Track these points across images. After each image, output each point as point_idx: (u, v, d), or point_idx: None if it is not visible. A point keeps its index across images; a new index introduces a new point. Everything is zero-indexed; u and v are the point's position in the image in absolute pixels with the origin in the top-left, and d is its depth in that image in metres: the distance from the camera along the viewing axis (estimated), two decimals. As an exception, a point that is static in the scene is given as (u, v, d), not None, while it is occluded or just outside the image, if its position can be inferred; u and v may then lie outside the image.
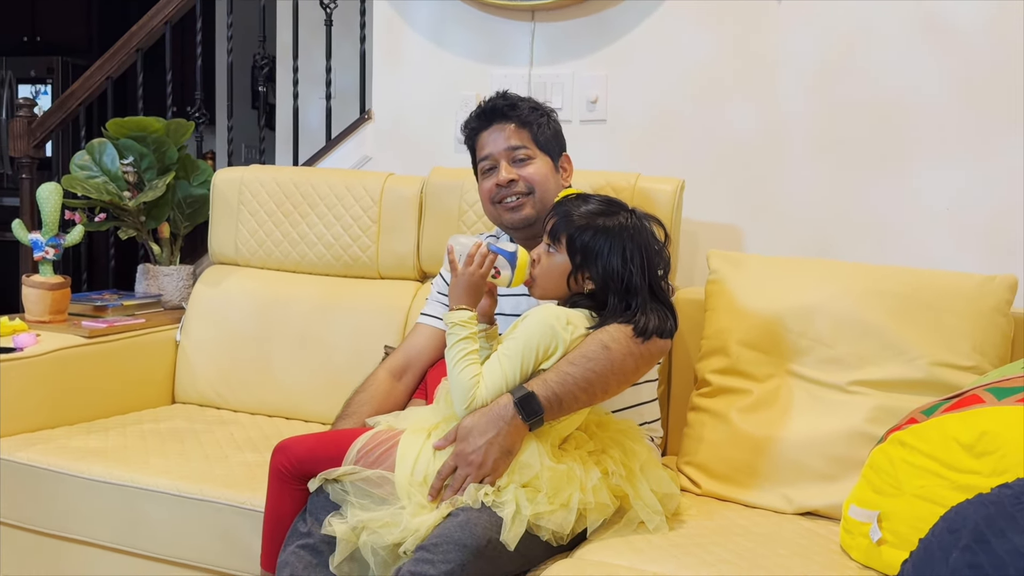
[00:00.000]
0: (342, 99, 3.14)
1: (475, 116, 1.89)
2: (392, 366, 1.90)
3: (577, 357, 1.55)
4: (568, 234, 1.62)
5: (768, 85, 2.31)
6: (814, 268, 1.99)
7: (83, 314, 2.51)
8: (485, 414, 1.53)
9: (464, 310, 1.59)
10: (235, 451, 2.09)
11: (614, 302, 1.60)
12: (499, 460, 1.51)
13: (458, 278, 1.62)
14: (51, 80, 5.45)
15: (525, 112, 1.85)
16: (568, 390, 1.53)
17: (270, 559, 1.68)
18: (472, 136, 1.90)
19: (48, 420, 2.21)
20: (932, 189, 2.18)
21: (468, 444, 1.52)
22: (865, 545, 1.53)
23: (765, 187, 2.33)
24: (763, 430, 1.85)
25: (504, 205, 1.84)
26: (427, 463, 1.55)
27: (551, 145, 1.88)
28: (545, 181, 1.83)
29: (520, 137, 1.84)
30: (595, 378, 1.54)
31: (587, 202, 1.65)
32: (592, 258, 1.60)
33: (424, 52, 2.66)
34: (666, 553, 1.55)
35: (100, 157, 2.66)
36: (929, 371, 1.79)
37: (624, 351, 1.57)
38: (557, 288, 1.64)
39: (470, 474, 1.51)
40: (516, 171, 1.83)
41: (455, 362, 1.57)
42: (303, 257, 2.46)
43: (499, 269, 1.63)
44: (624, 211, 1.64)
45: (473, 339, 1.59)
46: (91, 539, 1.97)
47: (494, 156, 1.85)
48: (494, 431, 1.51)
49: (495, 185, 1.84)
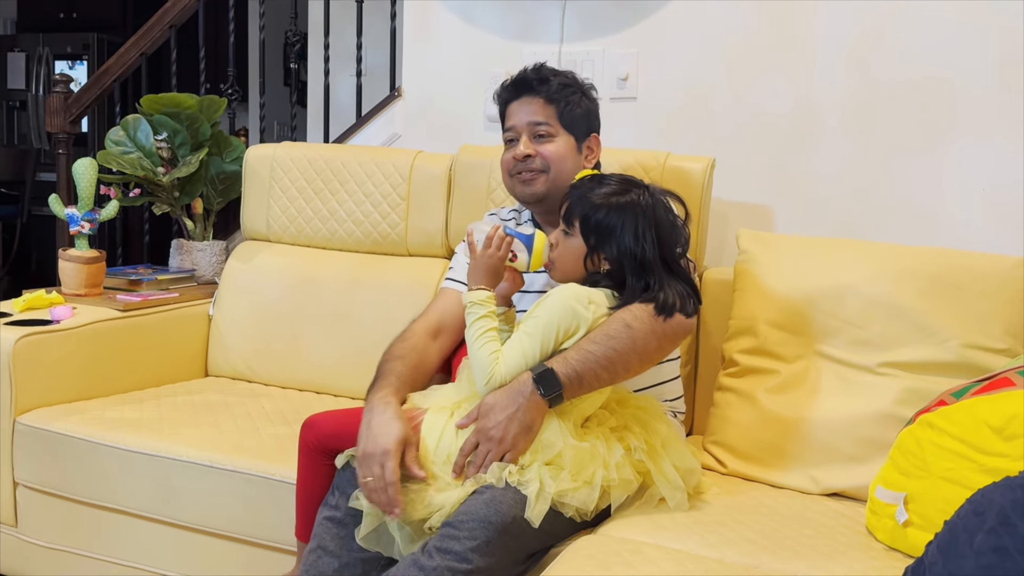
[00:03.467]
0: (373, 76, 3.15)
1: (507, 85, 1.88)
2: (427, 324, 1.87)
3: (599, 336, 1.55)
4: (582, 215, 1.62)
5: (802, 62, 2.28)
6: (845, 248, 1.97)
7: (118, 288, 2.55)
8: (506, 391, 1.54)
9: (482, 290, 1.61)
10: (266, 424, 2.12)
11: (631, 281, 1.60)
12: (519, 436, 1.52)
13: (476, 261, 1.63)
14: (87, 56, 5.52)
15: (554, 88, 1.84)
16: (589, 368, 1.53)
17: (304, 529, 1.72)
18: (503, 105, 1.90)
19: (84, 392, 2.25)
20: (968, 169, 2.15)
21: (489, 420, 1.53)
22: (891, 527, 1.53)
23: (797, 166, 2.31)
24: (790, 411, 1.85)
25: (518, 178, 1.84)
26: (451, 441, 1.57)
27: (578, 124, 1.86)
28: (562, 160, 1.82)
29: (545, 113, 1.83)
30: (616, 357, 1.54)
31: (600, 183, 1.64)
32: (605, 238, 1.60)
33: (454, 29, 2.65)
34: (690, 530, 1.55)
35: (135, 133, 2.69)
36: (960, 353, 1.77)
37: (647, 330, 1.57)
38: (575, 270, 1.64)
39: (491, 450, 1.52)
40: (535, 147, 1.82)
41: (474, 340, 1.58)
42: (333, 234, 2.48)
43: (516, 253, 1.64)
44: (637, 188, 1.63)
45: (492, 317, 1.59)
46: (125, 508, 2.02)
47: (517, 128, 1.84)
48: (514, 407, 1.52)
49: (512, 158, 1.84)
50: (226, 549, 1.94)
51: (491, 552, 1.44)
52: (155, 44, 3.11)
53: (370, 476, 1.53)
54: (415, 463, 1.55)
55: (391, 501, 1.51)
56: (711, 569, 1.41)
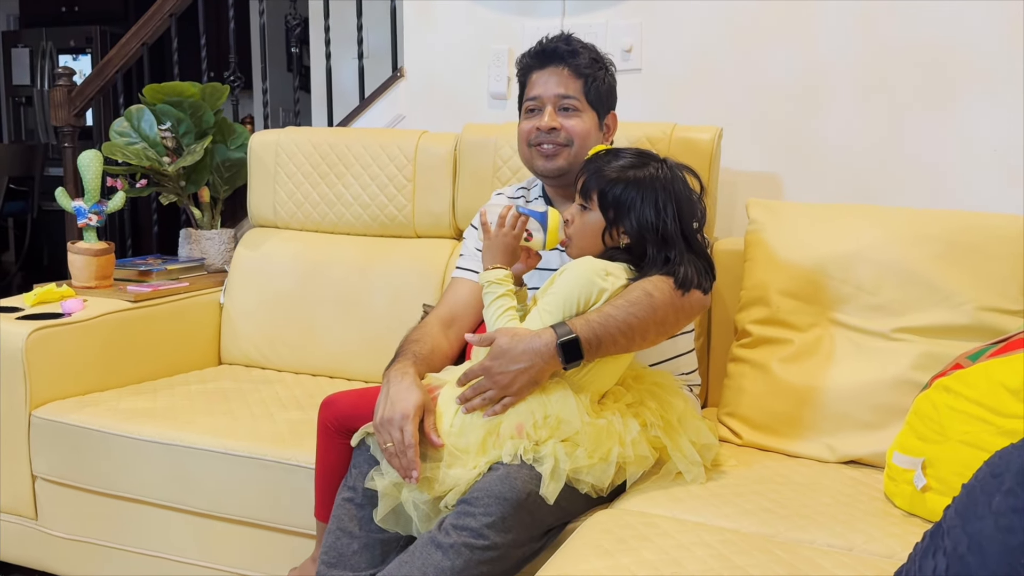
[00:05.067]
0: (375, 58, 3.13)
1: (533, 53, 1.84)
2: (440, 316, 1.86)
3: (620, 301, 1.54)
4: (599, 190, 1.60)
5: (808, 25, 2.25)
6: (856, 214, 1.95)
7: (128, 279, 2.56)
8: (523, 341, 1.52)
9: (498, 268, 1.60)
10: (280, 409, 2.13)
11: (652, 253, 1.59)
12: (525, 387, 1.52)
13: (491, 240, 1.62)
14: (90, 49, 5.52)
15: (584, 63, 1.80)
16: (608, 332, 1.52)
17: (323, 510, 1.73)
18: (525, 72, 1.85)
19: (97, 383, 2.26)
20: (979, 131, 2.12)
21: (499, 364, 1.52)
22: (909, 492, 1.52)
23: (806, 133, 2.28)
24: (805, 380, 1.83)
25: (540, 150, 1.81)
26: (466, 415, 1.56)
27: (601, 101, 1.83)
28: (586, 136, 1.80)
29: (573, 87, 1.80)
30: (636, 323, 1.53)
31: (617, 157, 1.63)
32: (625, 211, 1.59)
33: (455, 7, 2.63)
34: (706, 502, 1.55)
35: (138, 123, 2.69)
36: (975, 316, 1.76)
37: (667, 300, 1.56)
38: (593, 246, 1.63)
39: (492, 390, 1.53)
40: (560, 120, 1.79)
41: (495, 319, 1.58)
42: (340, 218, 2.48)
43: (531, 232, 1.63)
44: (655, 162, 1.62)
45: (510, 295, 1.59)
46: (142, 497, 2.03)
47: (542, 99, 1.81)
48: (528, 363, 1.51)
49: (535, 128, 1.80)
50: (244, 534, 1.95)
51: (507, 528, 1.44)
52: (156, 33, 3.10)
53: (389, 442, 1.53)
54: (433, 430, 1.55)
55: (410, 464, 1.51)
56: (728, 540, 1.40)
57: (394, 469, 1.53)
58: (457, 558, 1.43)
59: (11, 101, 5.80)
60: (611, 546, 1.38)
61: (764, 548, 1.38)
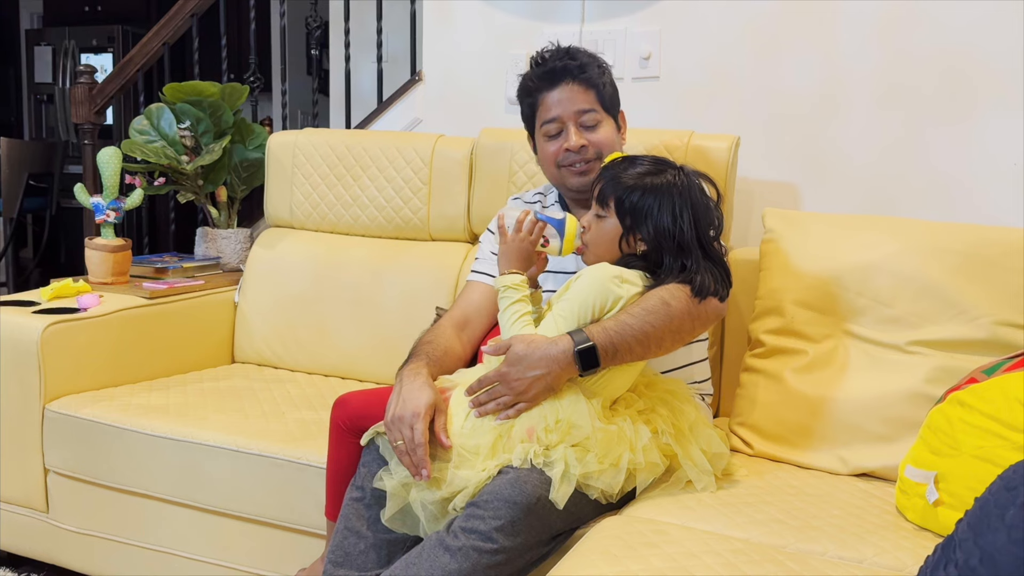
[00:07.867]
0: (394, 62, 3.15)
1: (539, 75, 1.82)
2: (454, 318, 1.86)
3: (636, 309, 1.54)
4: (616, 197, 1.60)
5: (828, 37, 2.24)
6: (872, 225, 1.94)
7: (144, 276, 2.57)
8: (540, 348, 1.52)
9: (515, 274, 1.60)
10: (292, 409, 2.13)
11: (669, 261, 1.59)
12: (540, 394, 1.53)
13: (507, 245, 1.62)
14: (112, 49, 5.56)
15: (594, 73, 1.80)
16: (625, 340, 1.52)
17: (333, 509, 1.74)
18: (533, 93, 1.84)
19: (111, 379, 2.27)
20: (999, 144, 2.11)
21: (516, 371, 1.52)
22: (921, 506, 1.51)
23: (823, 143, 2.27)
24: (818, 391, 1.82)
25: (572, 169, 1.80)
26: (476, 419, 1.56)
27: (612, 104, 1.84)
28: (612, 145, 1.80)
29: (588, 100, 1.79)
30: (652, 331, 1.53)
31: (634, 164, 1.63)
32: (642, 218, 1.59)
33: (475, 11, 2.64)
34: (716, 511, 1.54)
35: (158, 122, 2.71)
36: (991, 330, 1.74)
37: (683, 309, 1.56)
38: (609, 253, 1.63)
39: (508, 396, 1.53)
40: (586, 136, 1.78)
41: (510, 324, 1.58)
42: (356, 220, 2.48)
43: (548, 238, 1.63)
44: (672, 169, 1.62)
45: (526, 301, 1.59)
46: (153, 493, 2.04)
47: (562, 119, 1.79)
48: (544, 370, 1.51)
49: (564, 149, 1.79)
50: (253, 532, 1.95)
51: (516, 532, 1.44)
52: (177, 33, 3.13)
53: (400, 439, 1.53)
54: (443, 431, 1.55)
55: (420, 462, 1.51)
56: (738, 549, 1.39)
57: (404, 467, 1.54)
58: (465, 561, 1.42)
59: (33, 99, 5.85)
60: (620, 552, 1.37)
61: (774, 559, 1.38)
